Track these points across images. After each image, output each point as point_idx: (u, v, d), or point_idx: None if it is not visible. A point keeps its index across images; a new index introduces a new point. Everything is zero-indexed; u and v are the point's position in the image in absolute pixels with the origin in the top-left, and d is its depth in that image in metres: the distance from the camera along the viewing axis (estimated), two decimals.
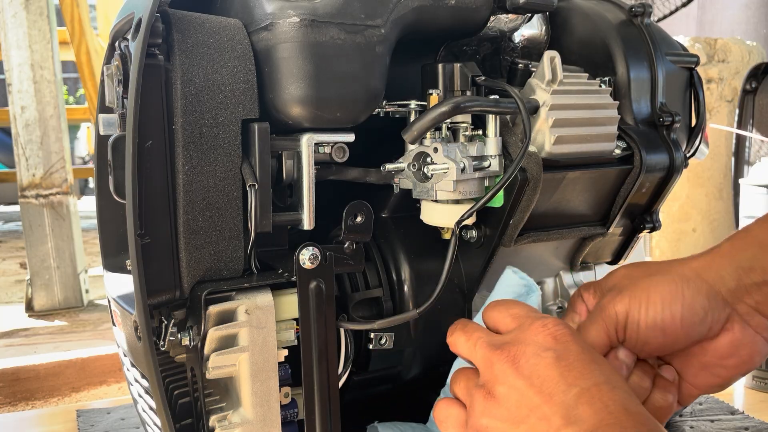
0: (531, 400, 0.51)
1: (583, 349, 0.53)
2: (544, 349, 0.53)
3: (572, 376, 0.51)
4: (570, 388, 0.50)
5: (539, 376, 0.51)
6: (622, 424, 0.47)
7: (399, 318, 0.66)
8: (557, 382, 0.50)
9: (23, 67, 2.39)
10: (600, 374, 0.51)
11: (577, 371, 0.51)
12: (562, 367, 0.51)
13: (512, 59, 0.77)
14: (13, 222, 4.97)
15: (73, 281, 2.46)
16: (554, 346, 0.53)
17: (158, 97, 0.56)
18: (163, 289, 0.58)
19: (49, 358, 1.51)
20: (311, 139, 0.62)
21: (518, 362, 0.53)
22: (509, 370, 0.53)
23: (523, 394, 0.51)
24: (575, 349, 0.53)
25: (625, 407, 0.49)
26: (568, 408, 0.49)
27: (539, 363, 0.52)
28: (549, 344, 0.53)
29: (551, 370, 0.51)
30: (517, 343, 0.54)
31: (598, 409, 0.48)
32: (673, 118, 0.77)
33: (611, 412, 0.48)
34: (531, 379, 0.51)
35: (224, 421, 0.61)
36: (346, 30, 0.60)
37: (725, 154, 2.54)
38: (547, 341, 0.53)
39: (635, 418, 0.48)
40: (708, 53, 2.52)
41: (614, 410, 0.48)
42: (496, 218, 0.70)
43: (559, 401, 0.49)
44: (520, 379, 0.52)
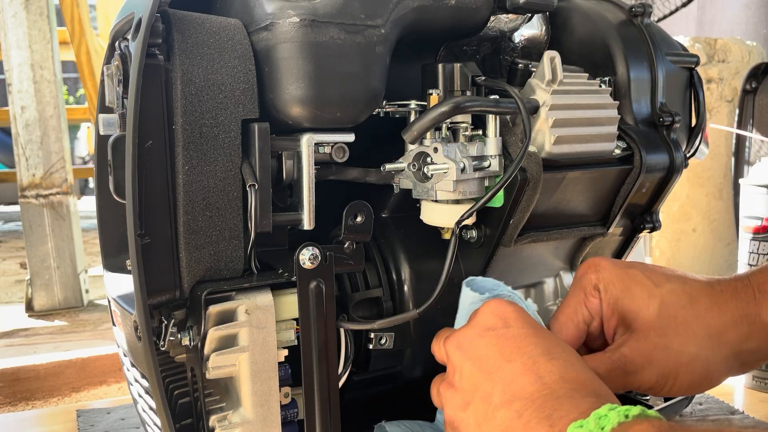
0: (476, 381, 0.51)
1: (525, 323, 0.53)
2: (485, 329, 0.54)
3: (510, 351, 0.51)
4: (507, 363, 0.50)
5: (480, 355, 0.52)
6: (555, 394, 0.47)
7: (399, 318, 0.66)
8: (496, 358, 0.51)
9: (23, 67, 2.39)
10: (537, 347, 0.51)
11: (514, 346, 0.51)
12: (501, 344, 0.52)
13: (512, 59, 0.77)
14: (13, 222, 4.97)
15: (73, 281, 2.46)
16: (495, 324, 0.54)
17: (158, 97, 0.56)
18: (163, 289, 0.58)
19: (49, 358, 1.51)
20: (311, 139, 0.62)
21: (462, 346, 0.54)
22: (457, 354, 0.54)
23: (470, 375, 0.52)
24: (516, 325, 0.53)
25: (562, 376, 0.48)
26: (506, 383, 0.49)
27: (480, 343, 0.53)
28: (493, 324, 0.54)
29: (491, 348, 0.52)
30: (464, 329, 0.56)
31: (532, 381, 0.48)
32: (673, 118, 0.77)
33: (546, 383, 0.48)
34: (474, 360, 0.52)
35: (224, 421, 0.61)
36: (346, 30, 0.60)
37: (725, 154, 2.54)
38: (490, 321, 0.54)
39: (571, 384, 0.48)
40: (708, 53, 2.52)
41: (549, 380, 0.48)
42: (496, 218, 0.70)
43: (499, 378, 0.50)
44: (466, 362, 0.53)
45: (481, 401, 0.50)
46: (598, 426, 0.42)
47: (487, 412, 0.49)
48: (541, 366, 0.49)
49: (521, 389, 0.48)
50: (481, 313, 0.56)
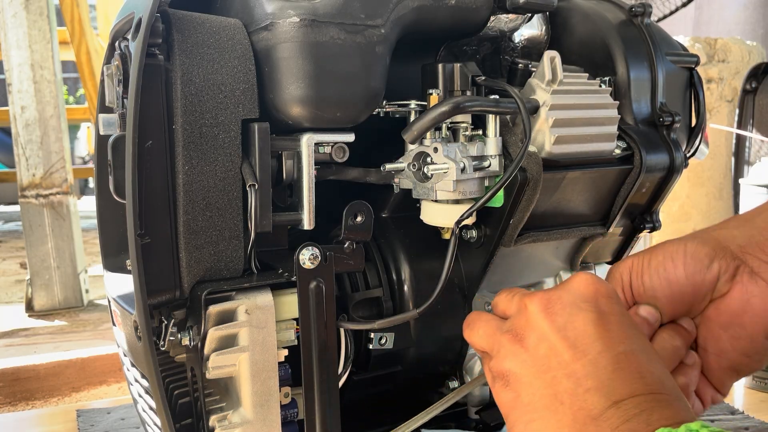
0: (561, 354, 0.47)
1: (624, 311, 0.50)
2: (584, 300, 0.49)
3: (610, 337, 0.47)
4: (606, 350, 0.46)
5: (574, 328, 0.48)
6: (656, 396, 0.44)
7: (399, 318, 0.66)
8: (593, 340, 0.47)
9: (23, 67, 2.39)
10: (638, 341, 0.48)
11: (615, 333, 0.47)
12: (601, 326, 0.48)
13: (512, 59, 0.77)
14: (13, 222, 4.97)
15: (73, 281, 2.46)
16: (595, 299, 0.49)
17: (158, 97, 0.56)
18: (163, 289, 0.58)
19: (49, 358, 1.51)
20: (311, 139, 0.62)
21: (553, 309, 0.49)
22: (541, 315, 0.49)
23: (553, 345, 0.48)
24: (616, 310, 0.49)
25: (660, 379, 0.46)
26: (601, 371, 0.46)
27: (576, 314, 0.48)
28: (590, 296, 0.49)
29: (588, 326, 0.48)
30: (557, 290, 0.51)
31: (632, 378, 0.45)
32: (673, 118, 0.77)
33: (646, 382, 0.45)
34: (565, 331, 0.48)
35: (224, 421, 0.61)
36: (346, 30, 0.60)
37: (725, 154, 2.54)
38: (589, 292, 0.50)
39: (669, 390, 0.45)
40: (708, 53, 2.52)
41: (649, 381, 0.45)
42: (496, 218, 0.70)
43: (592, 361, 0.46)
44: (552, 327, 0.48)
45: (566, 377, 0.46)
46: None
47: (573, 390, 0.46)
48: (641, 363, 0.46)
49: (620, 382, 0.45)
50: (578, 281, 0.51)
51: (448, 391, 0.78)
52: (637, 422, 0.43)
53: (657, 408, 0.44)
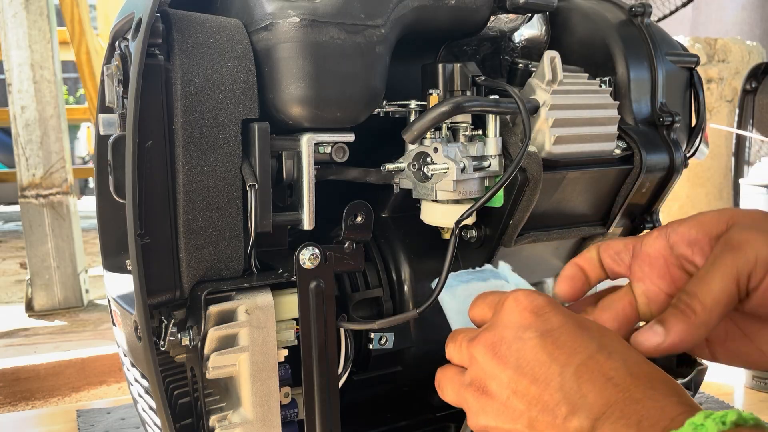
0: (526, 391, 0.46)
1: (565, 317, 0.48)
2: (524, 329, 0.48)
3: (563, 354, 0.46)
4: (564, 369, 0.45)
5: (527, 362, 0.46)
6: (634, 396, 0.43)
7: (399, 318, 0.66)
8: (548, 365, 0.46)
9: (23, 67, 2.39)
10: (591, 342, 0.46)
11: (567, 347, 0.46)
12: (549, 346, 0.46)
13: (512, 59, 0.77)
14: (13, 222, 4.97)
15: (73, 281, 2.45)
16: (534, 322, 0.48)
17: (158, 97, 0.56)
18: (163, 289, 0.58)
19: (49, 358, 1.51)
20: (311, 139, 0.62)
21: (499, 351, 0.48)
22: (492, 362, 0.48)
23: (515, 386, 0.47)
24: (558, 321, 0.48)
25: (629, 372, 0.44)
26: (569, 392, 0.44)
27: (523, 348, 0.47)
28: (527, 322, 0.48)
29: (539, 353, 0.46)
30: (494, 328, 0.49)
31: (601, 385, 0.44)
32: (673, 118, 0.77)
33: (616, 384, 0.43)
34: (519, 368, 0.47)
35: (224, 421, 0.61)
36: (346, 30, 0.60)
37: (725, 154, 2.54)
38: (525, 318, 0.48)
39: (642, 382, 0.44)
40: (708, 53, 2.52)
41: (619, 381, 0.44)
42: (496, 218, 0.70)
43: (558, 386, 0.45)
44: (507, 369, 0.47)
45: (541, 413, 0.45)
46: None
47: (553, 423, 0.44)
48: (603, 364, 0.44)
49: (593, 395, 0.43)
50: (509, 310, 0.49)
51: None
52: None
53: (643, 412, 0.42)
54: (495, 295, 0.54)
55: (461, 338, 0.53)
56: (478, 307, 0.55)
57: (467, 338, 0.52)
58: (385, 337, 0.70)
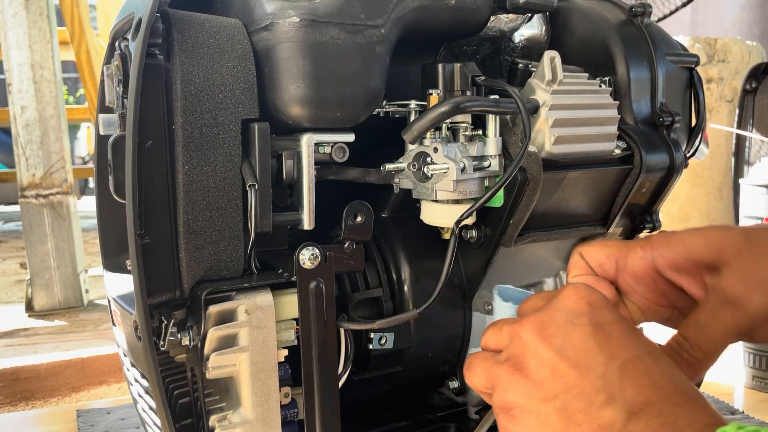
0: (566, 375, 0.45)
1: (619, 317, 0.48)
2: (578, 316, 0.47)
3: (612, 347, 0.45)
4: (611, 360, 0.45)
5: (574, 346, 0.46)
6: (673, 400, 0.42)
7: (399, 318, 0.66)
8: (595, 354, 0.45)
9: (23, 67, 2.38)
10: (641, 345, 0.46)
11: (616, 342, 0.46)
12: (600, 337, 0.46)
13: (512, 59, 0.77)
14: (13, 222, 4.97)
15: (73, 281, 2.45)
16: (589, 312, 0.47)
17: (158, 97, 0.56)
18: (163, 289, 0.58)
19: (49, 358, 1.51)
20: (311, 139, 0.62)
21: (547, 331, 0.47)
22: (536, 340, 0.47)
23: (555, 367, 0.46)
24: (612, 318, 0.47)
25: (674, 380, 0.44)
26: (610, 383, 0.44)
27: (573, 332, 0.46)
28: (582, 310, 0.47)
29: (587, 341, 0.46)
30: (547, 310, 0.49)
31: (644, 384, 0.43)
32: (673, 118, 0.77)
33: (659, 387, 0.43)
34: (565, 351, 0.46)
35: (224, 421, 0.61)
36: (346, 30, 0.60)
37: (725, 154, 2.54)
38: (580, 306, 0.48)
39: (685, 392, 0.43)
40: (708, 53, 2.52)
41: (662, 385, 0.43)
42: (496, 218, 0.70)
43: (600, 375, 0.44)
44: (550, 350, 0.47)
45: (576, 397, 0.44)
46: None
47: (587, 410, 0.44)
48: (650, 367, 0.44)
49: (633, 391, 0.43)
50: (566, 297, 0.49)
51: (447, 391, 0.78)
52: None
53: (680, 414, 0.42)
54: (550, 291, 0.54)
55: (503, 323, 0.52)
56: (532, 300, 0.55)
57: (512, 321, 0.51)
58: (385, 337, 0.70)
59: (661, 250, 0.55)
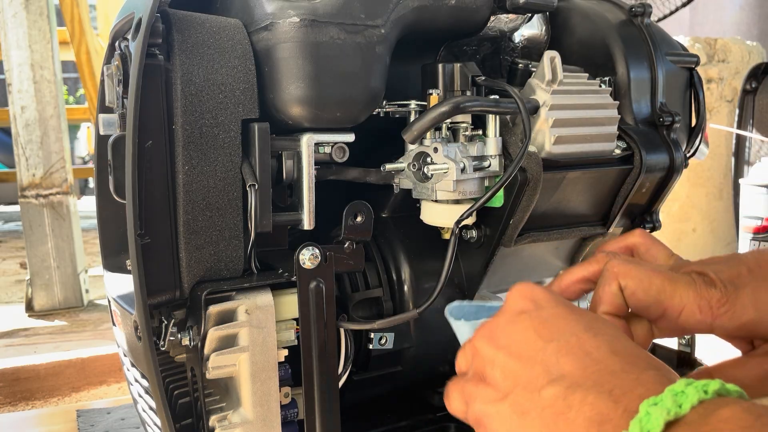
0: (513, 369, 0.47)
1: (559, 303, 0.49)
2: (519, 313, 0.49)
3: (549, 332, 0.47)
4: (547, 344, 0.46)
5: (516, 341, 0.48)
6: (611, 368, 0.43)
7: (399, 318, 0.66)
8: (534, 341, 0.47)
9: (23, 67, 2.39)
10: (578, 324, 0.47)
11: (553, 326, 0.47)
12: (538, 326, 0.47)
13: (512, 59, 0.77)
14: (13, 222, 4.97)
15: (73, 281, 2.46)
16: (528, 307, 0.50)
17: (158, 97, 0.56)
18: (163, 289, 0.58)
19: (49, 358, 1.51)
20: (311, 139, 0.62)
21: (494, 335, 0.49)
22: (488, 346, 0.50)
23: (505, 365, 0.48)
24: (550, 305, 0.49)
25: (611, 350, 0.44)
26: (549, 365, 0.45)
27: (514, 329, 0.48)
28: (523, 307, 0.50)
29: (527, 332, 0.48)
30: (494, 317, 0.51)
31: (580, 358, 0.44)
32: (673, 118, 0.77)
33: (595, 358, 0.44)
34: (509, 348, 0.48)
35: (224, 421, 0.61)
36: (346, 30, 0.60)
37: (725, 154, 2.54)
38: (522, 304, 0.50)
39: (624, 358, 0.44)
40: (708, 53, 2.52)
41: (599, 356, 0.44)
42: (496, 218, 0.70)
43: (539, 360, 0.46)
44: (500, 351, 0.48)
45: (522, 388, 0.46)
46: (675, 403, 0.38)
47: (531, 397, 0.45)
48: (585, 342, 0.45)
49: (570, 366, 0.44)
50: (511, 299, 0.51)
51: None
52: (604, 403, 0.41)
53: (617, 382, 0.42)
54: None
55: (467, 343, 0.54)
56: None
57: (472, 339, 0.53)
58: (385, 337, 0.70)
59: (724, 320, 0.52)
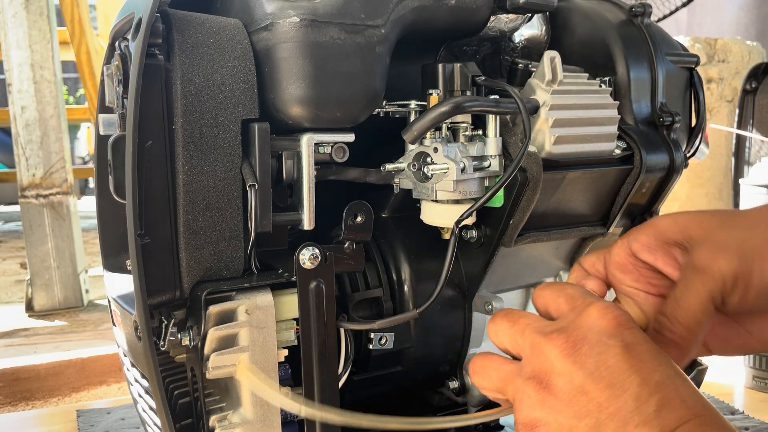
0: (598, 396, 0.46)
1: (647, 338, 0.49)
2: (610, 337, 0.48)
3: (644, 368, 0.46)
4: (644, 381, 0.46)
5: (607, 367, 0.47)
6: (702, 419, 0.44)
7: (399, 318, 0.66)
8: (628, 374, 0.46)
9: (23, 67, 2.38)
10: (670, 366, 0.47)
11: (647, 362, 0.47)
12: (633, 359, 0.47)
13: (512, 59, 0.77)
14: (13, 222, 4.97)
15: (73, 281, 2.45)
16: (620, 333, 0.48)
17: (158, 97, 0.56)
18: (163, 289, 0.58)
19: (49, 358, 1.51)
20: (311, 139, 0.62)
21: (580, 351, 0.48)
22: (569, 360, 0.48)
23: (587, 387, 0.47)
24: (641, 338, 0.48)
25: (702, 402, 0.45)
26: (644, 404, 0.45)
27: (606, 353, 0.47)
28: (613, 331, 0.48)
29: (620, 362, 0.47)
30: (576, 329, 0.49)
31: (676, 405, 0.45)
32: (673, 118, 0.77)
33: (689, 407, 0.45)
34: (598, 371, 0.47)
35: (224, 421, 0.61)
36: (347, 30, 0.60)
37: (725, 154, 2.54)
38: (611, 328, 0.48)
39: (712, 412, 0.45)
40: (708, 53, 2.52)
41: (692, 405, 0.45)
42: (497, 218, 0.70)
43: (634, 396, 0.45)
44: (582, 370, 0.47)
45: (610, 417, 0.45)
46: None
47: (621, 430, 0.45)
48: (680, 387, 0.46)
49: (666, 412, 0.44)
50: (596, 316, 0.49)
51: (448, 391, 0.78)
52: None
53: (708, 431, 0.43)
54: (576, 291, 0.54)
55: (524, 323, 0.52)
56: (552, 297, 0.54)
57: (534, 328, 0.51)
58: (385, 337, 0.70)
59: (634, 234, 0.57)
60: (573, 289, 0.54)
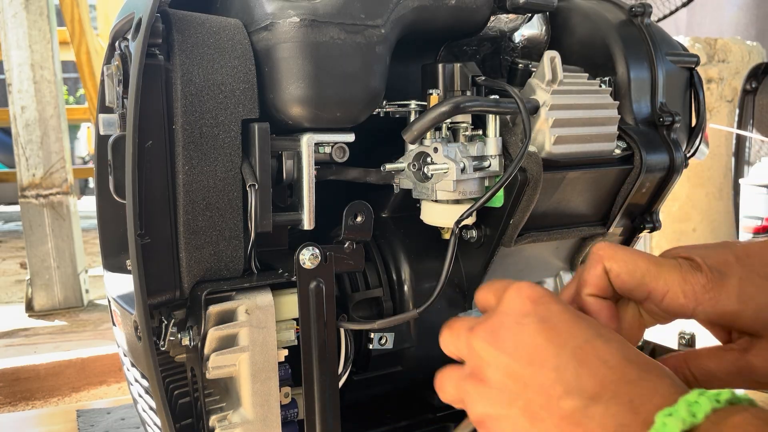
0: (522, 374, 0.47)
1: (565, 307, 0.49)
2: (523, 315, 0.48)
3: (560, 337, 0.46)
4: (561, 350, 0.46)
5: (524, 345, 0.47)
6: (627, 377, 0.43)
7: (399, 318, 0.66)
8: (545, 347, 0.46)
9: (23, 67, 2.39)
10: (588, 330, 0.47)
11: (563, 331, 0.47)
12: (547, 331, 0.47)
13: (512, 59, 0.77)
14: (13, 222, 4.97)
15: (73, 281, 2.46)
16: (533, 309, 0.49)
17: (158, 97, 0.56)
18: (163, 289, 0.58)
19: (49, 358, 1.51)
20: (311, 139, 0.62)
21: (499, 336, 0.49)
22: (490, 348, 0.49)
23: (511, 369, 0.47)
24: (557, 309, 0.48)
25: (624, 357, 0.45)
26: (564, 372, 0.45)
27: (521, 332, 0.48)
28: (527, 309, 0.49)
29: (536, 337, 0.47)
30: (495, 316, 0.50)
31: (596, 367, 0.44)
32: (673, 118, 0.77)
33: (611, 367, 0.44)
34: (517, 351, 0.47)
35: (224, 421, 0.61)
36: (346, 30, 0.60)
37: (725, 154, 2.54)
38: (525, 306, 0.49)
39: (640, 365, 0.44)
40: (708, 53, 2.52)
41: (614, 364, 0.44)
42: (497, 218, 0.70)
43: (553, 367, 0.45)
44: (504, 354, 0.48)
45: (536, 394, 0.45)
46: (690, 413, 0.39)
47: (547, 404, 0.45)
48: (599, 349, 0.45)
49: (587, 376, 0.44)
50: (510, 299, 0.50)
51: None
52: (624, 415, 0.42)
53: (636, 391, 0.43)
54: (501, 283, 0.54)
55: (459, 326, 0.53)
56: (483, 294, 0.55)
57: (465, 327, 0.52)
58: (385, 337, 0.70)
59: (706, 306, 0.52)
60: (499, 282, 0.54)
